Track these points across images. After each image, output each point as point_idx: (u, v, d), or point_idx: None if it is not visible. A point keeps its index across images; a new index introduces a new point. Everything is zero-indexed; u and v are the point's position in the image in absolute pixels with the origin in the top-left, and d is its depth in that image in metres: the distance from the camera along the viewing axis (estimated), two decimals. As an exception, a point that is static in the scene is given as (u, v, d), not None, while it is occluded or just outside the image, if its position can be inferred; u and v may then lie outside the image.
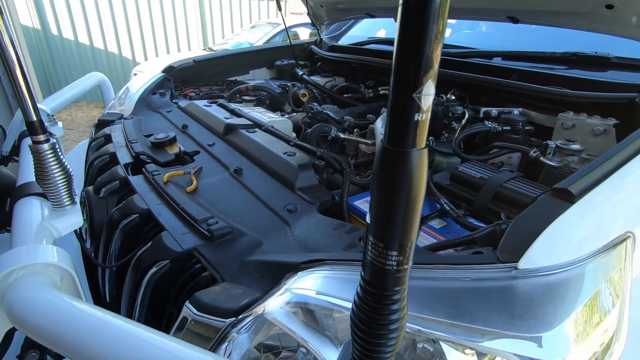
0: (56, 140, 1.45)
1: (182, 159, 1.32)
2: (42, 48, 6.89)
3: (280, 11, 2.30)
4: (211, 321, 0.66)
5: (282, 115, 1.84)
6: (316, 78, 2.37)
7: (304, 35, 6.72)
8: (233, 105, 1.71)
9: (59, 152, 0.74)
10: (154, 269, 0.81)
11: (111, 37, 7.45)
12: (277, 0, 2.23)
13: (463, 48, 1.92)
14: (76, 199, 0.82)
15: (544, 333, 0.48)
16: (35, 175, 0.74)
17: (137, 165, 1.25)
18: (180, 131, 1.54)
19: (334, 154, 1.26)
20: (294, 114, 1.90)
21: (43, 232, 0.72)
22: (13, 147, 1.26)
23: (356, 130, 1.64)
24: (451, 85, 1.74)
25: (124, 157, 1.29)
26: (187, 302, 0.69)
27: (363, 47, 2.31)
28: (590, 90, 1.32)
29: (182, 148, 1.36)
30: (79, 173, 1.59)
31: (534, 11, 1.37)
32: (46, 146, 0.72)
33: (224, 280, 0.76)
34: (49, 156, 0.72)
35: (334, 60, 2.34)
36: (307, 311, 0.64)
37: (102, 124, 1.71)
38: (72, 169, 1.50)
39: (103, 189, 1.15)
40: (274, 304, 0.66)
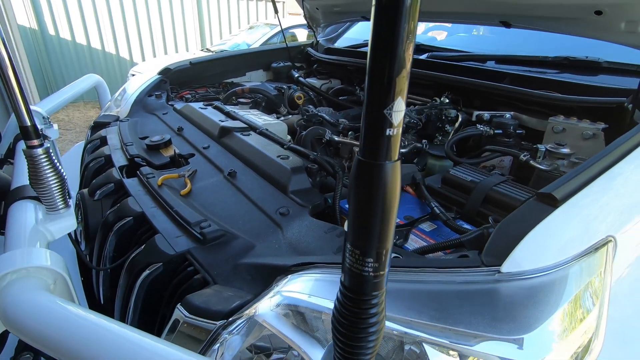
0: (52, 142, 1.46)
1: (177, 162, 1.33)
2: (40, 48, 6.87)
3: (276, 14, 2.31)
4: (202, 323, 0.67)
5: (278, 117, 1.85)
6: (312, 80, 2.38)
7: (302, 36, 6.73)
8: (228, 107, 1.72)
9: (53, 157, 0.75)
10: (147, 272, 0.82)
11: (109, 38, 7.44)
12: (274, 2, 2.24)
13: (457, 52, 1.94)
14: (70, 203, 0.83)
15: (524, 335, 0.50)
16: (29, 179, 0.75)
17: (132, 167, 1.26)
18: (175, 133, 1.55)
19: (328, 157, 1.27)
20: (290, 117, 1.91)
21: (37, 236, 0.73)
22: (8, 150, 1.27)
23: (350, 133, 1.65)
24: (445, 88, 1.76)
25: (119, 160, 1.30)
26: (179, 305, 0.70)
27: (359, 50, 2.32)
28: (581, 94, 1.34)
29: (177, 150, 1.37)
30: (75, 175, 1.59)
31: (526, 16, 1.39)
32: (40, 150, 0.72)
33: (216, 282, 0.77)
34: (43, 160, 0.73)
35: (330, 62, 2.36)
36: (297, 313, 0.65)
37: (98, 126, 1.71)
38: (68, 171, 1.51)
39: (98, 192, 1.16)
40: (264, 306, 0.67)
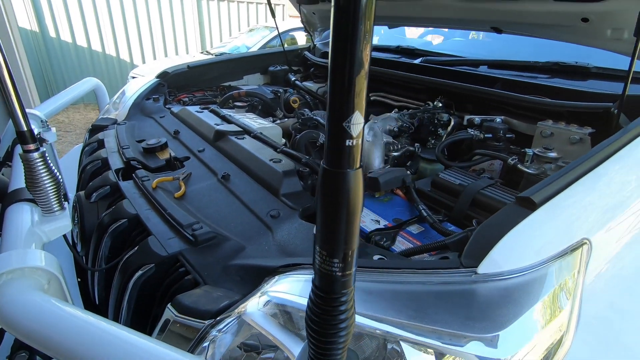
0: (50, 145, 1.49)
1: (173, 165, 1.35)
2: (40, 51, 6.91)
3: (273, 18, 2.34)
4: (191, 322, 0.69)
5: (274, 121, 1.88)
6: (309, 84, 2.41)
7: (302, 39, 6.76)
8: (224, 111, 1.74)
9: (49, 160, 0.77)
10: (140, 272, 0.84)
11: (109, 40, 7.49)
12: (270, 7, 2.27)
13: (450, 56, 1.97)
14: (65, 205, 0.85)
15: (497, 333, 0.52)
16: (25, 182, 0.77)
17: (128, 170, 1.28)
18: (172, 137, 1.57)
19: (320, 161, 1.29)
20: (285, 120, 1.93)
21: (32, 237, 0.76)
22: (7, 153, 1.30)
23: (344, 136, 1.68)
24: (438, 93, 1.79)
25: (116, 163, 1.32)
26: (169, 305, 0.72)
27: (354, 54, 2.35)
28: (570, 99, 1.37)
29: (173, 154, 1.40)
30: (73, 177, 1.62)
31: (515, 23, 1.42)
32: (36, 155, 0.75)
33: (207, 283, 0.79)
34: (39, 164, 0.76)
35: (327, 66, 2.38)
36: (284, 312, 0.67)
37: (96, 129, 1.74)
38: (66, 173, 1.53)
39: (94, 194, 1.18)
40: (252, 306, 0.69)
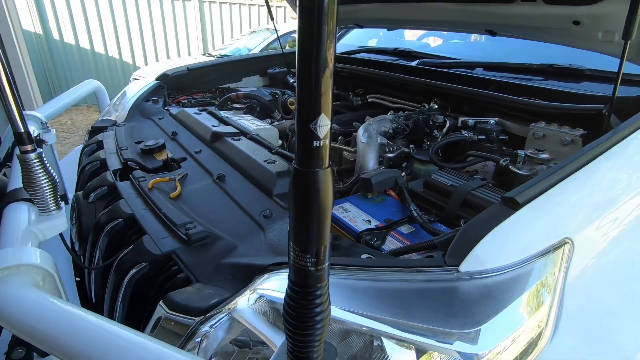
0: (50, 146, 1.51)
1: (170, 166, 1.37)
2: (44, 52, 6.98)
3: (272, 21, 2.37)
4: (182, 319, 0.71)
5: (272, 122, 1.90)
6: (307, 86, 2.43)
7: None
8: (222, 113, 1.76)
9: (46, 161, 0.80)
10: (134, 271, 0.86)
11: (112, 42, 7.55)
12: (269, 10, 2.29)
13: (447, 59, 1.98)
14: (61, 204, 0.87)
15: (475, 329, 0.53)
16: (22, 182, 0.79)
17: (126, 171, 1.30)
18: (170, 138, 1.59)
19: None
20: (283, 122, 1.95)
21: (29, 236, 0.78)
22: (7, 154, 1.32)
23: (340, 137, 1.69)
24: (434, 94, 1.80)
25: (114, 164, 1.34)
26: (161, 302, 0.74)
27: (352, 56, 2.37)
28: (564, 101, 1.38)
29: (170, 155, 1.42)
30: (73, 178, 1.64)
31: (509, 25, 1.43)
32: (33, 155, 0.77)
33: (199, 281, 0.81)
34: (36, 165, 0.78)
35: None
36: (273, 309, 0.69)
37: (96, 131, 1.76)
38: (66, 174, 1.56)
39: (92, 194, 1.21)
40: (242, 303, 0.71)
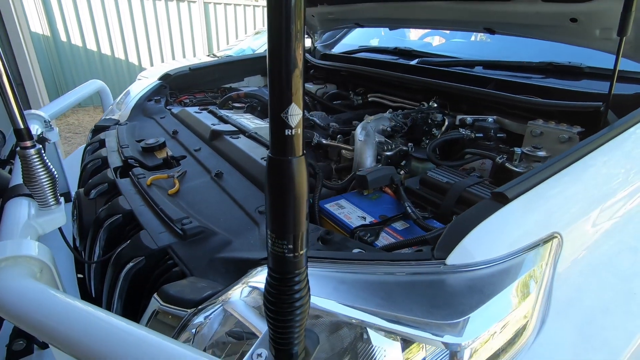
0: (53, 144, 1.54)
1: (169, 163, 1.39)
2: (52, 54, 7.09)
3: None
4: (175, 311, 0.72)
5: (271, 121, 1.91)
6: (308, 85, 2.44)
7: (307, 41, 6.82)
8: (222, 112, 1.78)
9: (45, 157, 0.82)
10: (131, 264, 0.87)
11: (118, 44, 7.65)
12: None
13: (446, 57, 1.99)
14: (60, 200, 0.90)
15: (458, 320, 0.54)
16: (22, 177, 0.82)
17: (127, 168, 1.32)
18: (170, 137, 1.61)
19: (310, 160, 1.32)
20: (283, 120, 1.97)
21: (28, 229, 0.80)
22: (11, 152, 1.35)
23: (340, 136, 1.70)
24: (433, 93, 1.81)
25: (115, 161, 1.37)
26: (155, 294, 0.75)
27: (353, 56, 2.38)
28: (563, 99, 1.38)
29: (170, 153, 1.44)
30: (77, 176, 1.67)
31: (507, 23, 1.43)
32: (32, 151, 0.79)
33: (193, 275, 0.82)
34: (35, 160, 0.80)
35: (326, 68, 2.42)
36: (264, 302, 0.70)
37: (99, 130, 1.79)
38: (70, 172, 1.58)
39: (93, 191, 1.23)
40: (234, 295, 0.72)
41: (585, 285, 0.72)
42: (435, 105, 1.76)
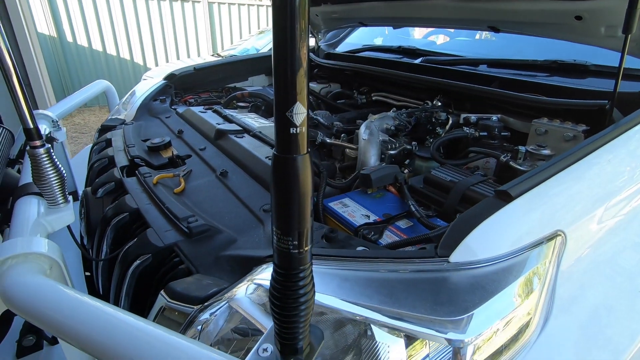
0: (61, 144, 1.56)
1: (175, 162, 1.41)
2: (58, 55, 7.17)
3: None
4: (182, 307, 0.74)
5: (275, 120, 1.92)
6: (312, 84, 2.45)
7: (311, 40, 6.83)
8: (227, 111, 1.79)
9: (54, 156, 0.83)
10: (138, 262, 0.89)
11: (123, 44, 7.70)
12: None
13: (450, 56, 1.98)
14: (69, 198, 0.91)
15: (461, 316, 0.55)
16: (32, 176, 0.83)
17: (133, 168, 1.34)
18: (175, 136, 1.63)
19: (314, 159, 1.33)
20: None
21: (38, 227, 0.81)
22: (20, 151, 1.37)
23: (343, 135, 1.71)
24: (438, 92, 1.81)
25: (121, 161, 1.38)
26: (162, 291, 0.77)
27: (357, 55, 2.38)
28: (568, 97, 1.37)
29: (176, 152, 1.45)
30: (84, 175, 1.69)
31: (511, 21, 1.43)
32: (42, 150, 0.81)
33: (199, 272, 0.84)
34: (44, 159, 0.81)
35: (329, 67, 2.42)
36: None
37: (105, 129, 1.81)
38: (77, 171, 1.60)
39: (100, 190, 1.24)
40: (240, 292, 0.73)
41: (588, 283, 0.72)
42: (439, 104, 1.76)
